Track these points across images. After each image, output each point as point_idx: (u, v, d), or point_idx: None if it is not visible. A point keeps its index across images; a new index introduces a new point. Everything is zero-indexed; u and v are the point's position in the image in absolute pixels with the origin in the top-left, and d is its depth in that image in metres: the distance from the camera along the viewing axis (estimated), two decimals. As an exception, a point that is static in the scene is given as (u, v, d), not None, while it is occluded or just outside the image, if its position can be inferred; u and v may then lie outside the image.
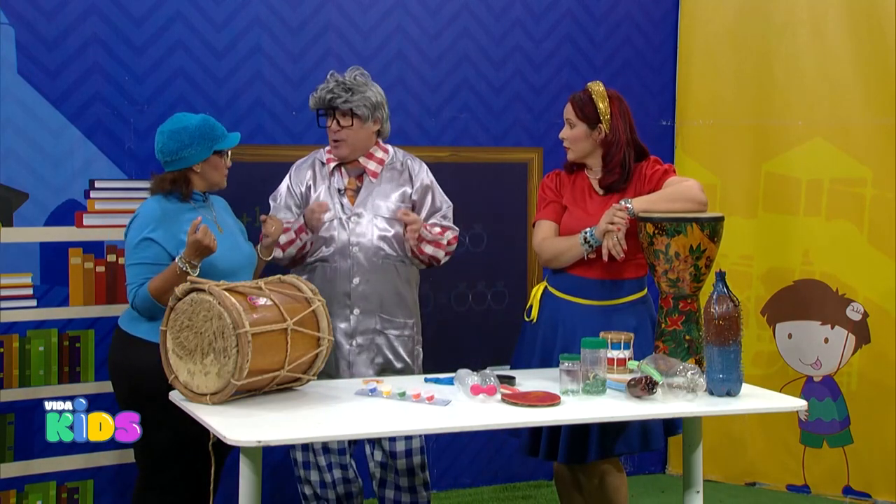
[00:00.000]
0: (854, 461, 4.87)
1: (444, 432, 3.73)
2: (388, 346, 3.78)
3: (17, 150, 4.00)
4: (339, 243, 3.75)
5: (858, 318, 4.85)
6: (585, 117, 3.59)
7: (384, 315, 3.78)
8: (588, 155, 3.64)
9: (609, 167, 3.59)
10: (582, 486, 3.74)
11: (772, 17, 5.00)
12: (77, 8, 4.08)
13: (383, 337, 3.78)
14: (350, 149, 3.77)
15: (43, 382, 4.06)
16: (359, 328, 3.75)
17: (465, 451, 4.91)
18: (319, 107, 3.77)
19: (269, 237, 3.64)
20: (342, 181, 3.82)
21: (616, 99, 3.61)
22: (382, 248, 3.76)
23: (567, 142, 3.64)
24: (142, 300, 3.30)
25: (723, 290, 3.11)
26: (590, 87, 3.64)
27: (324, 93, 3.74)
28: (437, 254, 3.79)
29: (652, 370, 3.14)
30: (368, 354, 3.76)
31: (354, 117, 3.74)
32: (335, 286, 3.73)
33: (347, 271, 3.74)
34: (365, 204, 3.78)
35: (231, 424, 2.76)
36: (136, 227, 3.37)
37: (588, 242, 3.49)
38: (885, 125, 4.77)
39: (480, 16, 4.81)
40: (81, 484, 4.15)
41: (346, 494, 3.88)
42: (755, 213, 5.06)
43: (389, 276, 3.78)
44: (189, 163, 3.40)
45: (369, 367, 3.76)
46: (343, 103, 3.72)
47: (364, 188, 3.80)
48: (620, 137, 3.58)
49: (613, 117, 3.58)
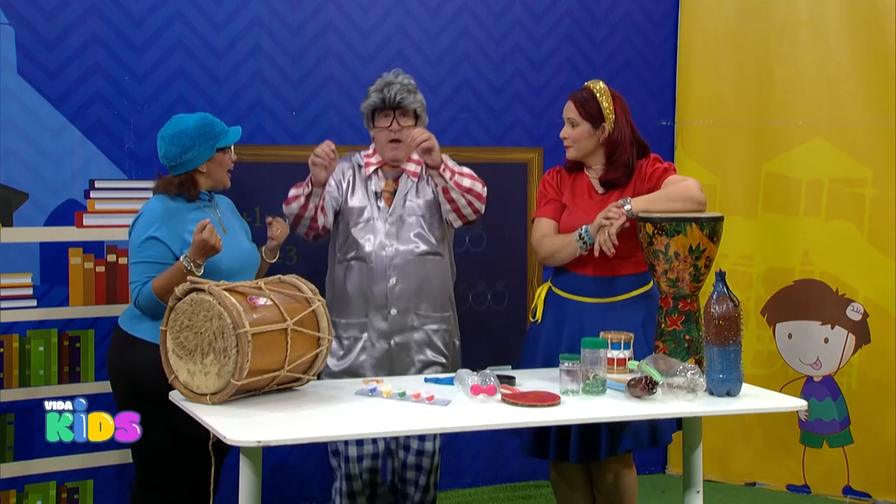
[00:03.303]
0: (854, 461, 4.87)
1: (444, 432, 3.74)
2: (428, 343, 3.80)
3: (17, 150, 4.00)
4: (376, 244, 3.77)
5: (858, 318, 4.85)
6: (589, 116, 3.59)
7: (421, 312, 3.79)
8: (590, 154, 3.64)
9: (614, 166, 3.59)
10: (595, 484, 3.75)
11: (772, 17, 5.00)
12: (77, 8, 4.08)
13: (422, 333, 3.80)
14: (407, 150, 3.80)
15: (43, 382, 4.06)
16: (395, 327, 3.77)
17: (465, 451, 4.91)
18: (384, 107, 3.78)
19: (275, 240, 3.65)
20: (379, 184, 3.84)
21: (618, 97, 3.62)
22: (419, 246, 3.79)
23: (568, 141, 3.63)
24: (145, 299, 3.30)
25: (723, 290, 3.11)
26: (590, 85, 3.63)
27: (392, 93, 3.76)
28: (475, 186, 3.75)
29: (652, 370, 3.15)
30: (409, 353, 3.78)
31: (416, 118, 3.80)
32: (372, 286, 3.76)
33: (384, 271, 3.76)
34: (401, 204, 3.80)
35: (231, 424, 2.76)
36: (140, 225, 3.37)
37: (583, 239, 3.50)
38: (885, 125, 4.77)
39: (480, 16, 4.81)
40: (81, 484, 4.15)
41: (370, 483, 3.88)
42: (755, 213, 5.06)
43: (425, 274, 3.80)
44: (194, 164, 3.41)
45: (411, 366, 3.78)
46: (410, 103, 3.77)
47: (400, 189, 3.83)
48: (625, 136, 3.59)
49: (617, 116, 3.58)
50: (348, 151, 3.97)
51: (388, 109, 3.78)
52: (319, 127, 4.50)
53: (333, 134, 4.50)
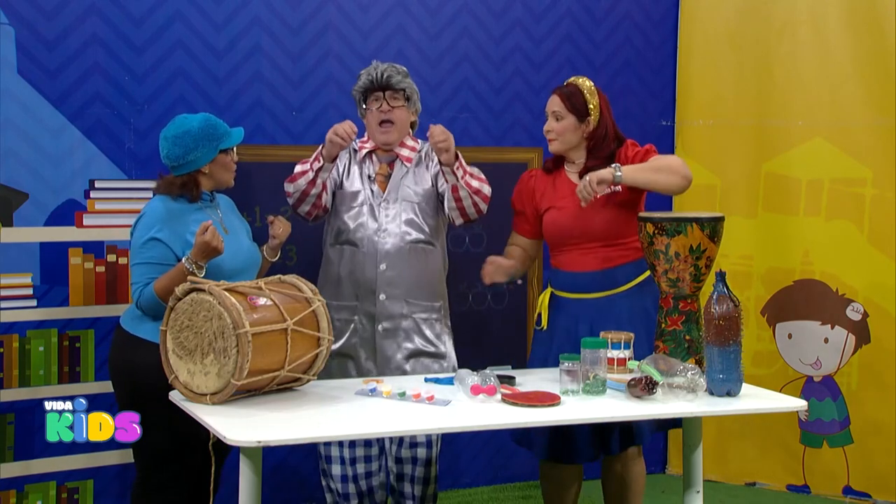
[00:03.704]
0: (854, 461, 4.87)
1: (444, 432, 3.74)
2: (416, 330, 3.79)
3: (17, 150, 4.00)
4: (368, 228, 3.76)
5: (858, 318, 4.85)
6: (575, 110, 3.64)
7: (410, 299, 3.78)
8: (573, 148, 3.69)
9: (594, 159, 3.64)
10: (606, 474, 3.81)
11: (772, 17, 5.00)
12: (77, 8, 4.08)
13: (410, 321, 3.78)
14: (398, 133, 3.78)
15: (43, 382, 4.06)
16: (385, 312, 3.76)
17: (465, 451, 4.91)
18: (372, 86, 3.76)
19: (277, 238, 3.65)
20: (373, 167, 3.83)
21: (600, 92, 3.70)
22: (410, 233, 3.77)
23: (552, 134, 3.69)
24: (147, 299, 3.30)
25: (723, 290, 3.11)
26: (574, 81, 3.69)
27: (378, 73, 3.75)
28: (483, 188, 3.75)
29: (652, 370, 3.15)
30: (396, 339, 3.76)
31: (406, 99, 3.78)
32: (363, 271, 3.75)
33: (374, 256, 3.75)
34: (395, 190, 3.78)
35: (231, 424, 2.76)
36: (142, 226, 3.37)
37: None
38: (885, 125, 4.77)
39: (480, 16, 4.81)
40: (81, 484, 4.15)
41: (367, 490, 3.86)
42: (755, 213, 5.05)
43: (416, 261, 3.78)
44: (197, 165, 3.40)
45: (397, 352, 3.76)
46: (398, 83, 3.75)
47: (395, 174, 3.81)
48: (609, 131, 3.65)
49: (601, 110, 3.66)
50: (348, 151, 3.96)
51: (377, 90, 3.76)
52: (319, 127, 4.49)
53: (333, 134, 4.51)
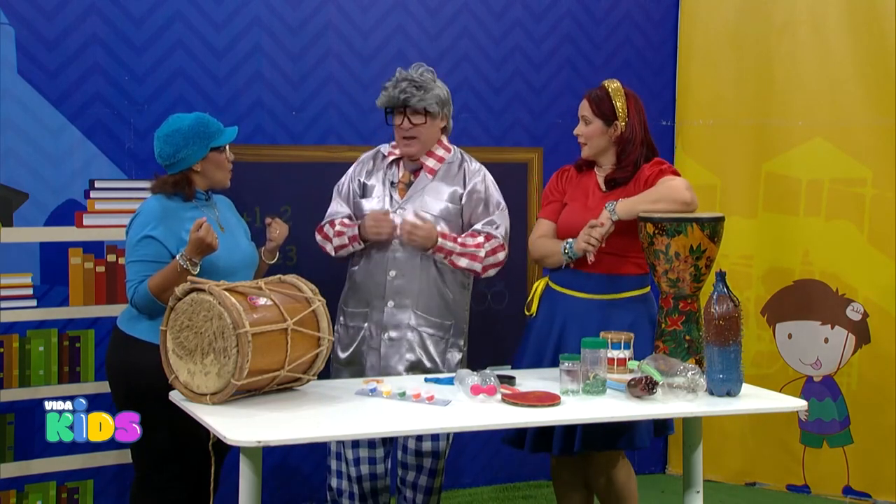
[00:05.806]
0: (854, 461, 4.87)
1: (444, 432, 3.74)
2: (420, 344, 3.76)
3: (17, 150, 4.00)
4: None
5: (858, 318, 4.85)
6: (602, 114, 3.61)
7: (419, 311, 3.76)
8: (602, 152, 3.66)
9: (622, 165, 3.61)
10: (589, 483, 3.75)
11: (772, 17, 5.00)
12: (77, 8, 4.08)
13: (416, 334, 3.76)
14: (421, 146, 3.77)
15: (43, 382, 4.06)
16: (391, 321, 3.75)
17: (465, 451, 4.91)
18: (392, 105, 3.76)
19: (274, 241, 3.64)
20: (397, 174, 3.82)
21: (632, 97, 3.65)
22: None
23: (582, 138, 3.67)
24: (141, 297, 3.30)
25: (723, 290, 3.12)
26: (606, 84, 3.66)
27: (396, 91, 3.73)
28: (473, 266, 3.74)
29: (652, 370, 3.15)
30: (399, 349, 3.75)
31: (427, 115, 3.74)
32: (374, 276, 3.76)
33: (385, 263, 3.75)
34: (412, 199, 3.77)
35: (231, 424, 2.76)
36: (137, 224, 3.37)
37: (567, 253, 3.56)
38: (885, 125, 4.77)
39: (480, 16, 4.81)
40: (81, 484, 4.15)
41: (371, 491, 3.85)
42: (755, 213, 5.05)
43: (429, 274, 3.76)
44: (188, 163, 3.40)
45: (399, 363, 3.75)
46: (417, 102, 3.72)
47: (416, 183, 3.80)
48: (636, 136, 3.61)
49: (630, 115, 3.61)
50: (349, 151, 3.96)
51: (399, 106, 3.76)
52: (319, 127, 4.50)
53: (333, 134, 4.50)
